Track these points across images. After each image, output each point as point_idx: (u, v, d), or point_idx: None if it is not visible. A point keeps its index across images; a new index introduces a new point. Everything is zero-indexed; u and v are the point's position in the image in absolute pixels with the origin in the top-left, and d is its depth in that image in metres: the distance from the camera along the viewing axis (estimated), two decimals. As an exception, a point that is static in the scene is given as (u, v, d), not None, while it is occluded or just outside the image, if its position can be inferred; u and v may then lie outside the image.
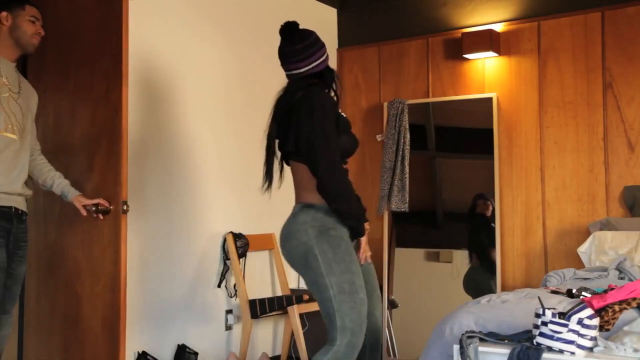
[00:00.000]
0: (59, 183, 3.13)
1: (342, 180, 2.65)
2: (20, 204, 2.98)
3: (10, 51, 3.00)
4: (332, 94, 2.85)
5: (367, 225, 2.79)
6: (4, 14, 2.97)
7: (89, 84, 3.29)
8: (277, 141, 2.87)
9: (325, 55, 2.83)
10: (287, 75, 2.85)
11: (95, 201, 3.11)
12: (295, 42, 2.80)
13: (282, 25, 2.86)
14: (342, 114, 2.82)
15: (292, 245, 2.68)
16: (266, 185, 2.87)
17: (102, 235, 3.21)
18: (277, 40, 4.93)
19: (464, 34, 4.71)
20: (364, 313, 2.63)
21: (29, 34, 3.00)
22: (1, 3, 3.00)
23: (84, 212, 3.11)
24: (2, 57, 2.99)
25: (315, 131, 2.63)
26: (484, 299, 2.95)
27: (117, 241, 3.14)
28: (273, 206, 3.60)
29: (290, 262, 2.76)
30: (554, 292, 3.05)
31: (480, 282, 4.67)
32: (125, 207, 3.11)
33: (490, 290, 4.54)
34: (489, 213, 4.68)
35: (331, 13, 5.35)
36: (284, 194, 2.98)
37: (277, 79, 4.76)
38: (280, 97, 2.82)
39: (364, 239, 2.78)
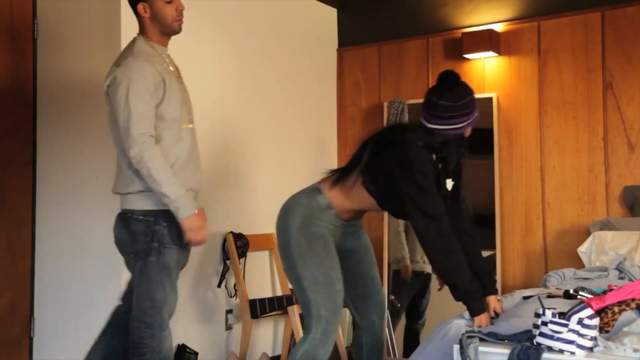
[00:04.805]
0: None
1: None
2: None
3: (161, 38, 2.93)
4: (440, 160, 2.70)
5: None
6: (141, 5, 2.87)
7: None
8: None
9: (465, 123, 2.63)
10: (423, 122, 2.68)
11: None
12: (443, 96, 2.61)
13: (444, 72, 2.69)
14: (441, 182, 2.71)
15: (282, 222, 2.77)
16: (332, 180, 2.80)
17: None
18: (277, 40, 4.95)
19: (464, 34, 4.71)
20: (339, 303, 2.70)
21: (170, 20, 2.89)
22: None
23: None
24: (159, 45, 2.92)
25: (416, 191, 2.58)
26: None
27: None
28: (273, 206, 3.60)
29: (276, 233, 2.83)
30: (551, 296, 3.02)
31: None
32: None
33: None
34: None
35: (331, 13, 5.35)
36: (285, 194, 2.98)
37: (276, 79, 4.79)
38: (393, 126, 2.83)
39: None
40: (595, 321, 2.22)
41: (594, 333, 2.20)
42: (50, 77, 3.96)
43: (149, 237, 2.80)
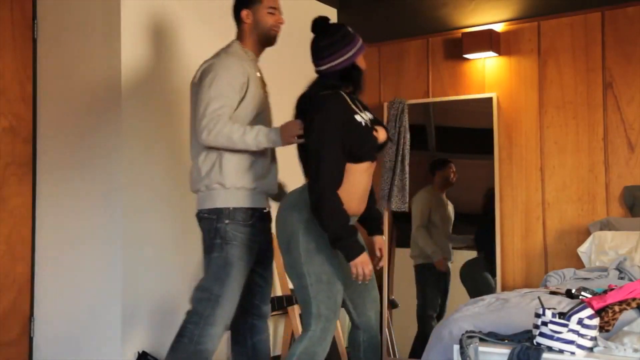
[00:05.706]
0: None
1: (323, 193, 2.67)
2: None
3: (256, 47, 3.05)
4: (351, 93, 2.87)
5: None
6: (245, 12, 3.00)
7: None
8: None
9: (350, 53, 2.84)
10: (315, 72, 2.88)
11: None
12: (320, 39, 2.84)
13: (313, 21, 2.89)
14: (360, 115, 2.81)
15: (285, 219, 2.78)
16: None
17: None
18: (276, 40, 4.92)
19: (464, 34, 4.71)
20: (339, 302, 2.76)
21: (268, 27, 3.02)
22: (241, 1, 3.04)
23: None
24: (252, 53, 3.03)
25: (315, 138, 2.71)
26: (483, 301, 2.94)
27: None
28: (273, 206, 3.61)
29: (277, 233, 2.84)
30: (553, 292, 3.05)
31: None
32: None
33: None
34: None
35: (331, 13, 5.34)
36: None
37: (275, 79, 4.77)
38: (301, 94, 2.90)
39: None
40: (595, 321, 2.22)
41: (593, 333, 2.20)
42: (50, 77, 3.96)
43: (212, 235, 2.91)
